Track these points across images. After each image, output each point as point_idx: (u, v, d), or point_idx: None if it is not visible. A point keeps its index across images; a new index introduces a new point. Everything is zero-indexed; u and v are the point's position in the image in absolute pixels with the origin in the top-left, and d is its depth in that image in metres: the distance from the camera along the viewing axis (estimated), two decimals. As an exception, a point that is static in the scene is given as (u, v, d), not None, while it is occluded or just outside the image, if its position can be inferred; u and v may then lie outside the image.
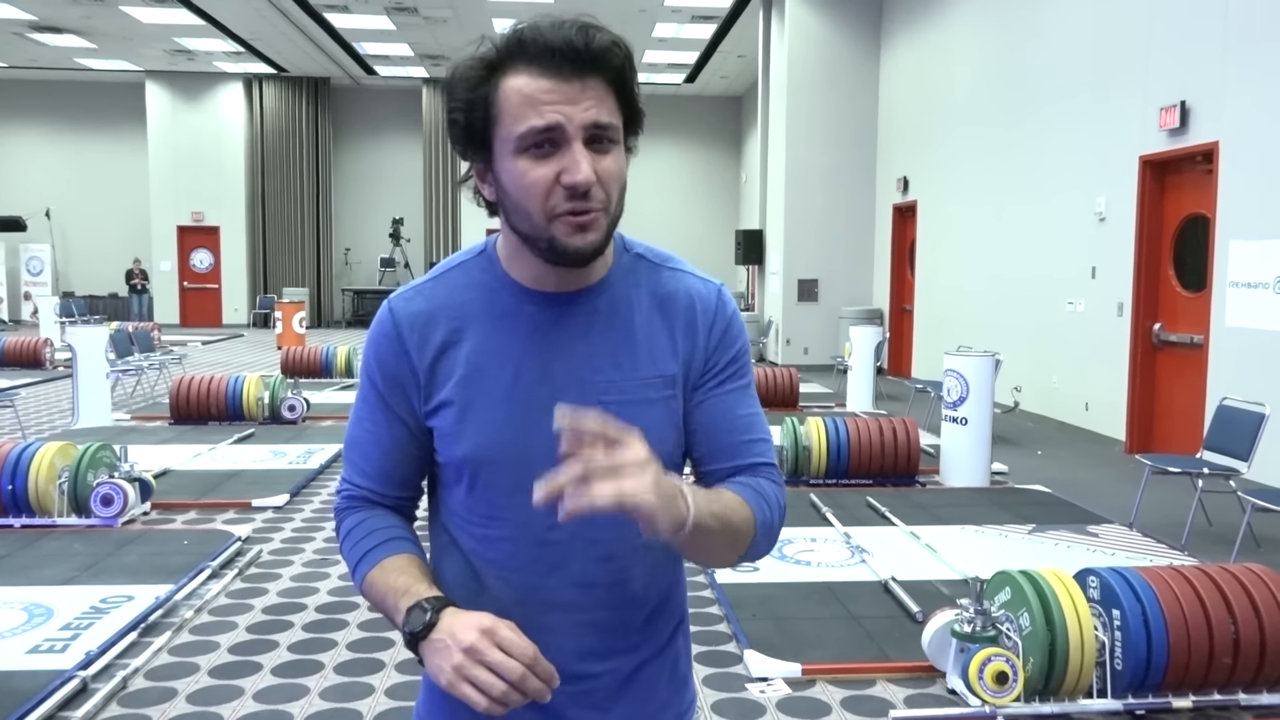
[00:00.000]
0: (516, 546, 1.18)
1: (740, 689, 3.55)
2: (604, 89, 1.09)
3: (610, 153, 1.10)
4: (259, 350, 16.62)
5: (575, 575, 1.18)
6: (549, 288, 1.18)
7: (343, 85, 22.29)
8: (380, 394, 1.23)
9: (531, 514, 1.11)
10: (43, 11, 16.29)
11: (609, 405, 1.13)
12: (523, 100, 1.07)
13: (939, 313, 12.09)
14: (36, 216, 22.31)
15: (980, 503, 6.29)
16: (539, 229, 1.10)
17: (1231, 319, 6.80)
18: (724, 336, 1.23)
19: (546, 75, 1.07)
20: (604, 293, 1.20)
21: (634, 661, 1.24)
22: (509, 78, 1.08)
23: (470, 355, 1.18)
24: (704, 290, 1.24)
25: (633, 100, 1.13)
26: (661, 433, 1.17)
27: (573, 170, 1.06)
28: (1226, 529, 5.56)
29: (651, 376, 1.19)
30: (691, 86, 21.41)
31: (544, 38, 1.07)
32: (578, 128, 1.07)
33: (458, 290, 1.21)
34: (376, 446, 1.25)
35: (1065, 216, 9.03)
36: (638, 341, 1.19)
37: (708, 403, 1.22)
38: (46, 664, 3.62)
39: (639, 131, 1.17)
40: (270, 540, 5.37)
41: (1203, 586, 3.29)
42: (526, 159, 1.08)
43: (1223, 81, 6.92)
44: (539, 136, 1.07)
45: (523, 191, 1.09)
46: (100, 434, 8.12)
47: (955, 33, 11.58)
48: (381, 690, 3.52)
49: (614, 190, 1.11)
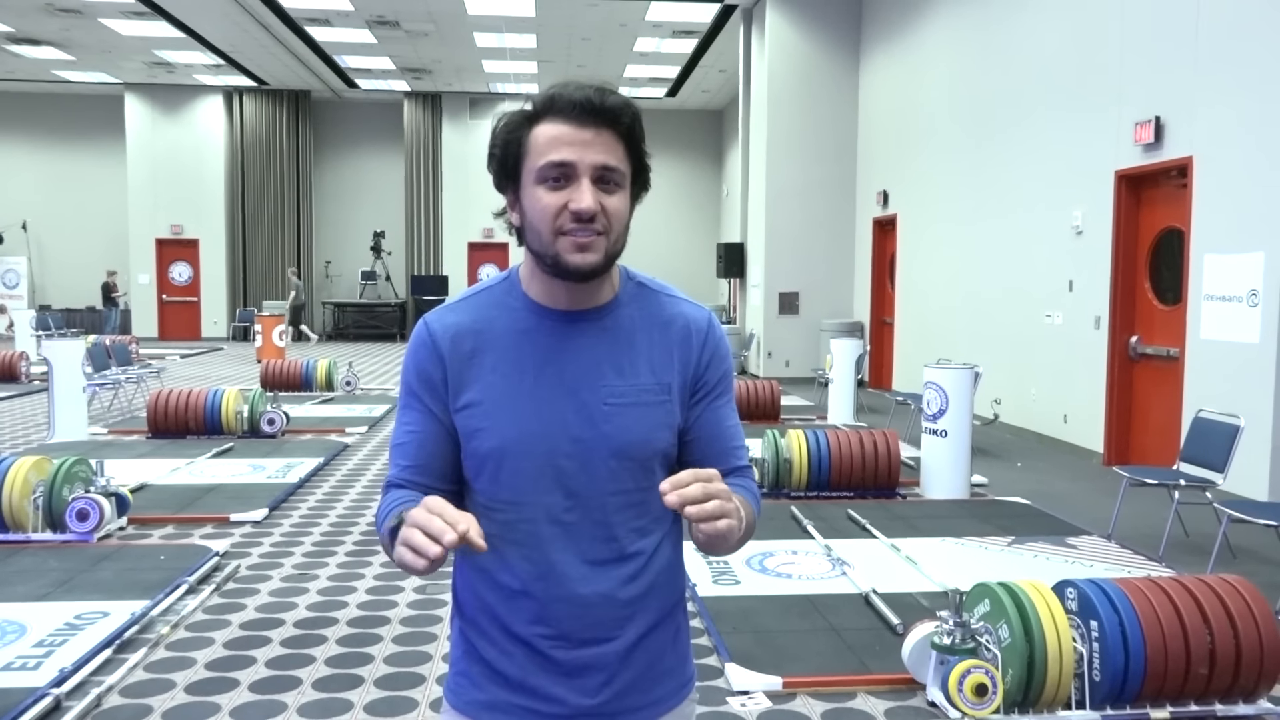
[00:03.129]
0: (535, 527, 1.36)
1: (721, 702, 3.54)
2: (614, 140, 1.32)
3: (615, 194, 1.32)
4: (238, 364, 16.52)
5: (584, 552, 1.36)
6: (562, 306, 1.39)
7: (324, 98, 22.25)
8: (418, 397, 1.41)
9: (549, 497, 1.36)
10: (20, 24, 16.18)
11: (613, 407, 1.36)
12: (546, 141, 1.31)
13: (919, 326, 12.16)
14: (13, 229, 22.13)
15: (960, 515, 6.31)
16: (547, 245, 1.32)
17: (1206, 331, 6.87)
18: (714, 356, 1.45)
19: (568, 124, 1.30)
20: (611, 313, 1.41)
21: (640, 629, 1.40)
22: (540, 126, 1.32)
23: (495, 362, 1.38)
24: (697, 316, 1.46)
25: (640, 154, 1.36)
26: (657, 432, 1.39)
27: (578, 199, 1.29)
28: (1203, 540, 5.61)
29: (650, 384, 1.39)
30: (673, 100, 21.50)
31: (569, 95, 1.31)
32: (587, 166, 1.30)
33: (484, 309, 1.42)
34: (417, 444, 1.41)
35: (1043, 230, 9.11)
36: (638, 354, 1.40)
37: (705, 415, 1.44)
38: (19, 681, 3.57)
39: (646, 185, 1.39)
40: (249, 555, 5.33)
41: (1179, 598, 3.31)
42: (544, 188, 1.31)
43: (1196, 96, 7.01)
44: (554, 170, 1.30)
45: (538, 213, 1.31)
46: (76, 448, 8.04)
47: (933, 48, 11.69)
48: (360, 706, 3.49)
49: (616, 224, 1.32)
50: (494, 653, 1.39)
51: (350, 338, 22.17)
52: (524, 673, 1.38)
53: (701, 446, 1.44)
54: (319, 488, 7.04)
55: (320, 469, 7.63)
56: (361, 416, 10.32)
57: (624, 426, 1.36)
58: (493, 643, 1.39)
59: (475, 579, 1.40)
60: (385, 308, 22.30)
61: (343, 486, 7.09)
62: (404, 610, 4.47)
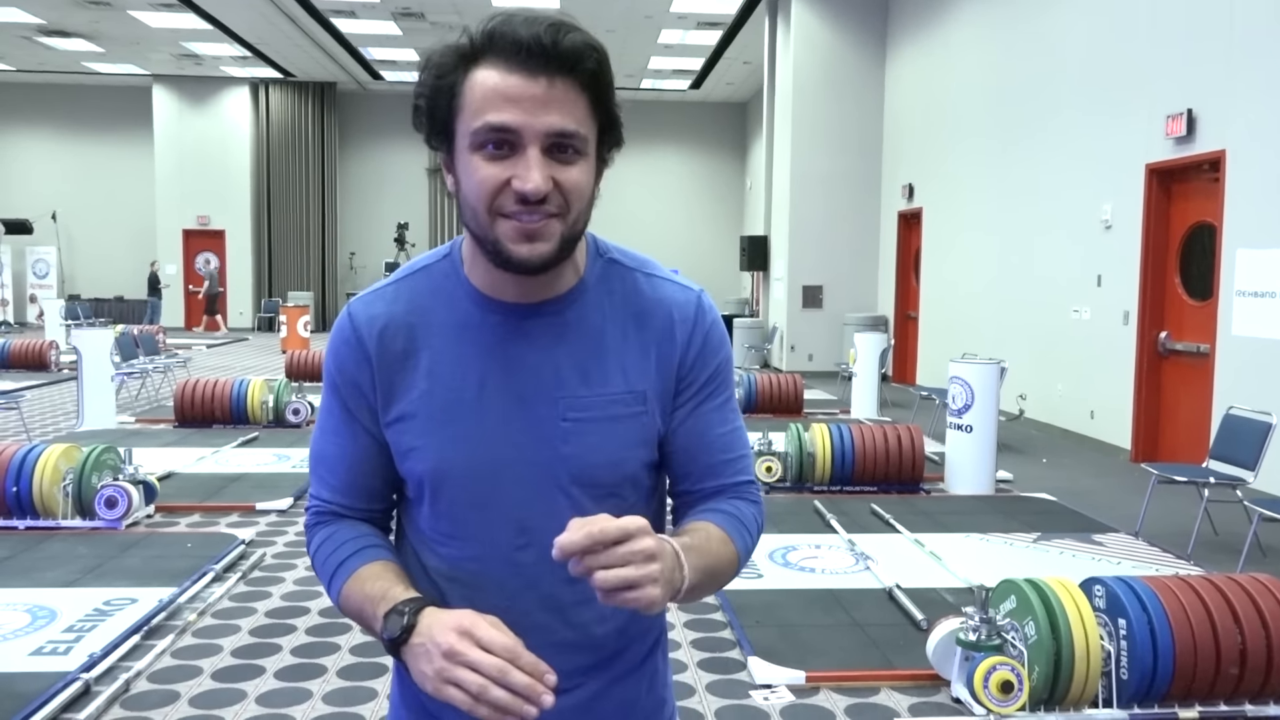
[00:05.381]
0: (483, 565, 1.13)
1: (744, 696, 3.53)
2: (574, 93, 1.02)
3: (575, 164, 1.04)
4: (263, 354, 16.64)
5: (543, 596, 1.13)
6: (509, 297, 1.12)
7: (349, 90, 22.34)
8: (343, 402, 1.17)
9: (498, 532, 1.12)
10: (51, 16, 16.35)
11: (574, 422, 1.11)
12: (484, 95, 1.02)
13: (944, 320, 12.07)
14: (43, 219, 22.37)
15: (985, 510, 6.27)
16: (485, 228, 1.05)
17: (1238, 328, 6.78)
18: (703, 348, 1.17)
19: (513, 72, 1.01)
20: (573, 303, 1.14)
21: (606, 679, 1.20)
22: (477, 70, 1.04)
23: (431, 367, 1.12)
24: (682, 299, 1.17)
25: (609, 108, 1.07)
26: (630, 451, 1.14)
27: (524, 177, 1.01)
28: (1232, 538, 5.54)
29: (621, 392, 1.13)
30: (697, 92, 21.42)
31: (514, 32, 1.01)
32: (537, 134, 1.01)
33: (420, 296, 1.15)
34: (342, 459, 1.19)
35: (1071, 224, 9.02)
36: (608, 355, 1.13)
37: (687, 424, 1.17)
38: (49, 666, 3.62)
39: (618, 143, 1.10)
40: (274, 544, 5.37)
41: (1209, 596, 3.27)
42: (481, 156, 1.03)
43: (1230, 90, 6.91)
44: (493, 135, 1.02)
45: (473, 188, 1.04)
46: (105, 436, 8.13)
47: (961, 40, 11.58)
48: (384, 694, 3.51)
49: (575, 202, 1.05)
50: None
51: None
52: None
53: (682, 461, 1.18)
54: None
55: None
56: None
57: (587, 446, 1.11)
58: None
59: None
60: (409, 299, 22.41)
61: (367, 476, 7.12)
62: (427, 600, 4.49)
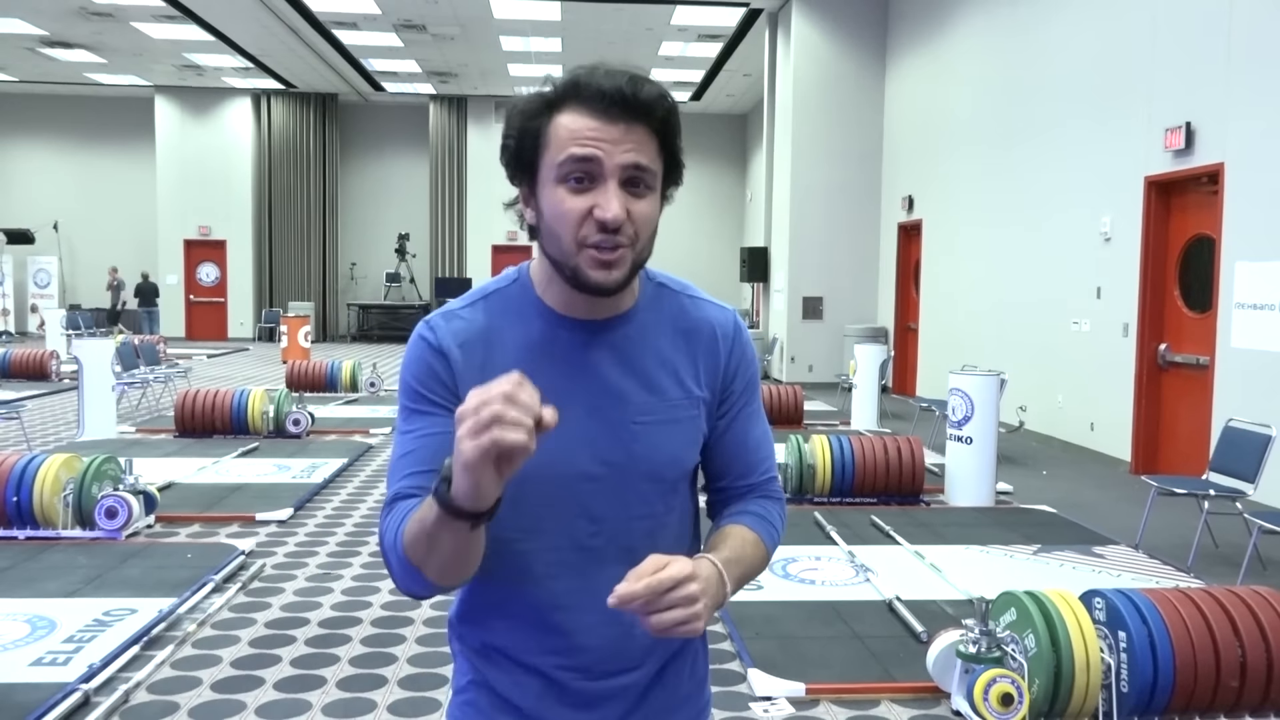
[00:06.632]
0: (558, 555, 1.25)
1: (744, 708, 3.53)
2: (646, 136, 1.17)
3: (645, 197, 1.18)
4: (264, 364, 16.65)
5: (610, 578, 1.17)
6: (580, 314, 1.25)
7: (350, 101, 22.40)
8: (427, 399, 1.22)
9: (572, 523, 1.25)
10: (54, 27, 16.40)
11: (643, 425, 1.25)
12: (569, 134, 1.16)
13: (944, 331, 12.09)
14: (44, 229, 22.39)
15: (985, 522, 6.27)
16: (568, 255, 1.18)
17: (1238, 340, 6.79)
18: (741, 360, 1.34)
19: (594, 116, 1.15)
20: (633, 320, 1.28)
21: (661, 659, 1.32)
22: (561, 115, 1.17)
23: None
24: (723, 319, 1.34)
25: (674, 151, 1.21)
26: (687, 450, 1.30)
27: (605, 206, 1.14)
28: (1233, 551, 5.54)
29: (679, 398, 1.28)
30: (697, 104, 21.49)
31: (597, 83, 1.16)
32: (615, 166, 1.15)
33: (496, 315, 1.27)
34: (428, 446, 1.21)
35: (1070, 236, 9.04)
36: (664, 366, 1.28)
37: (732, 428, 1.34)
38: (48, 677, 3.62)
39: (678, 181, 1.25)
40: (274, 554, 5.37)
41: (1209, 609, 3.27)
42: (565, 188, 1.16)
43: (1228, 103, 6.93)
44: (577, 167, 1.15)
45: (558, 218, 1.17)
46: (105, 446, 8.12)
47: (960, 53, 11.63)
48: (384, 706, 3.51)
49: (644, 232, 1.19)
50: (505, 682, 1.29)
51: (375, 339, 22.30)
52: (539, 704, 1.28)
53: (725, 460, 1.36)
54: (343, 488, 7.08)
55: (344, 469, 7.67)
56: (385, 418, 10.37)
57: (653, 446, 1.26)
58: (504, 671, 1.30)
59: (484, 606, 1.30)
60: (409, 309, 22.41)
61: (367, 487, 7.12)
62: (427, 611, 4.49)
